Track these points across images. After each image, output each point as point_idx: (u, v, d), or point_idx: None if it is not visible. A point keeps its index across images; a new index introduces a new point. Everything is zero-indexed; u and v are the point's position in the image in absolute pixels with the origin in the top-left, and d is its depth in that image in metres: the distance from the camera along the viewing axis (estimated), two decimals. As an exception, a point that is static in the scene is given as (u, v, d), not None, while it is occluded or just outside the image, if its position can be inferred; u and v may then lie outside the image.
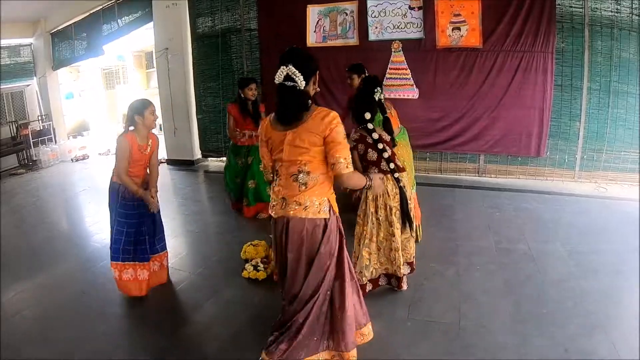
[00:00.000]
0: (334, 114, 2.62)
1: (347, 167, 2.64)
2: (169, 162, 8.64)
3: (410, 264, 3.98)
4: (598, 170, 6.80)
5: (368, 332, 3.11)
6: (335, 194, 2.83)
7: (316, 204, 2.70)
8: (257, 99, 5.70)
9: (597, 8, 6.35)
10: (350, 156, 2.69)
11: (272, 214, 2.81)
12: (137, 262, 3.93)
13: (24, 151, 9.54)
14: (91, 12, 9.16)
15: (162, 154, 8.51)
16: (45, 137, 9.94)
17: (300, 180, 2.67)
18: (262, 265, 4.29)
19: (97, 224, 5.80)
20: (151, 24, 8.65)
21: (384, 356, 3.11)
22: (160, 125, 7.96)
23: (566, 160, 6.90)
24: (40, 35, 10.04)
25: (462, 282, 4.07)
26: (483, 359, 3.07)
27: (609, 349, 3.10)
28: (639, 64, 6.33)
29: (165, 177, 7.49)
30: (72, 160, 9.81)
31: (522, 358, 3.06)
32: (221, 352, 3.23)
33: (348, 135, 2.92)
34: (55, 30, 9.95)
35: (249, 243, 4.69)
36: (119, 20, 8.90)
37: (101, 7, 8.97)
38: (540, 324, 3.43)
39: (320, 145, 2.63)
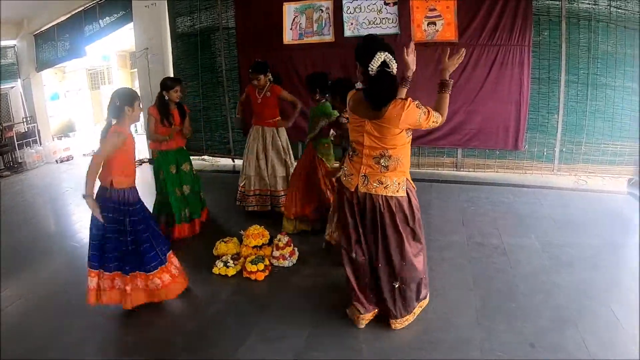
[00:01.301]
0: (407, 103, 2.85)
1: (434, 121, 2.95)
2: (151, 161, 8.58)
3: None
4: (577, 163, 6.80)
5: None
6: None
7: (396, 183, 3.04)
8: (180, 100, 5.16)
9: (574, 1, 6.35)
10: (427, 111, 2.91)
11: (349, 185, 3.13)
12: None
13: (9, 153, 9.52)
14: (73, 13, 9.13)
15: (144, 153, 8.50)
16: (30, 139, 9.94)
17: (382, 164, 2.99)
18: (232, 262, 4.32)
19: (78, 223, 5.83)
20: (132, 24, 8.63)
21: (346, 351, 3.12)
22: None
23: (545, 153, 6.89)
24: (23, 37, 10.03)
25: (430, 276, 3.99)
26: (446, 354, 3.07)
27: (578, 345, 3.08)
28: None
29: (146, 175, 7.48)
30: (56, 161, 9.79)
31: (486, 353, 3.05)
32: (188, 346, 3.26)
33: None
34: (38, 31, 9.93)
35: (221, 240, 4.73)
36: (100, 21, 8.88)
37: (83, 8, 8.94)
38: (508, 318, 3.42)
39: (399, 132, 2.90)
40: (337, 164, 4.53)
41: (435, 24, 6.72)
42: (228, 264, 4.29)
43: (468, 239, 4.84)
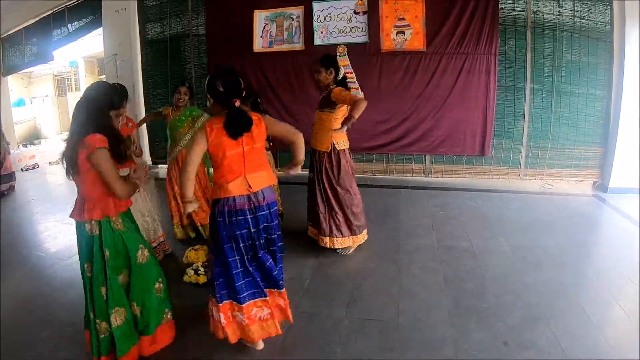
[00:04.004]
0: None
1: None
2: (121, 169, 8.44)
3: None
4: (543, 168, 7.00)
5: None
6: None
7: None
8: None
9: (539, 11, 6.57)
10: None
11: (346, 147, 4.52)
12: None
13: (-27, 161, 9.23)
14: (41, 17, 8.96)
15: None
16: (-6, 147, 9.67)
17: None
18: (202, 270, 4.28)
19: (44, 233, 5.69)
20: (101, 30, 8.50)
21: (320, 354, 3.13)
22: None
23: (511, 159, 7.07)
24: (-11, 41, 9.77)
25: (402, 279, 4.10)
26: (420, 353, 3.09)
27: (550, 341, 3.14)
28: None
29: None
30: (22, 169, 9.51)
31: (459, 351, 3.08)
32: (163, 355, 3.19)
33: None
34: (5, 35, 9.68)
35: (191, 248, 4.68)
36: (69, 26, 8.73)
37: (51, 11, 8.79)
38: (480, 317, 3.46)
39: None
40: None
41: (404, 33, 6.83)
42: (199, 271, 4.25)
43: (438, 243, 4.89)
